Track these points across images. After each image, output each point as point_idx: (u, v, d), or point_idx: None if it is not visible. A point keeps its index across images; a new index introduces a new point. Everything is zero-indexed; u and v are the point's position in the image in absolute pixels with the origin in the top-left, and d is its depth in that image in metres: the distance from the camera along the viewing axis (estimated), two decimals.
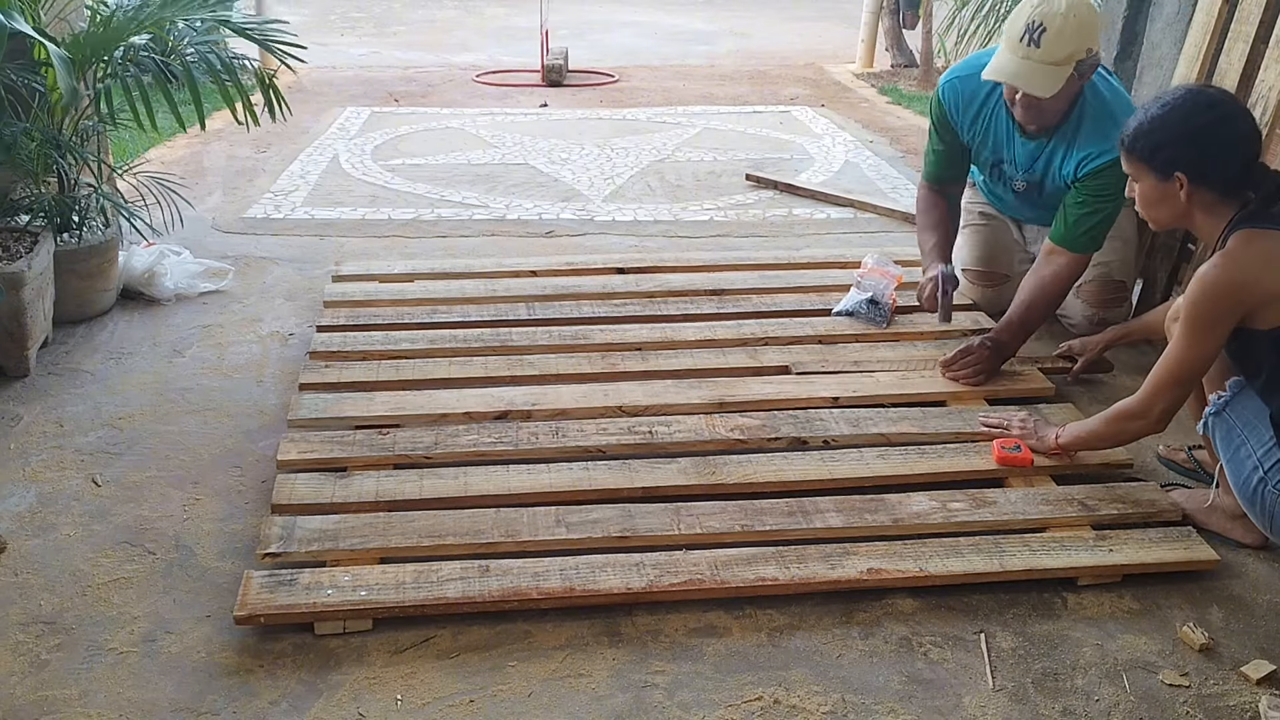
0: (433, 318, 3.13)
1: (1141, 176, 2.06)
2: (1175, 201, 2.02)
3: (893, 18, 8.09)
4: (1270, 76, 2.85)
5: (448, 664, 1.88)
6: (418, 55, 8.45)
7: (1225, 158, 1.97)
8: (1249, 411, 2.03)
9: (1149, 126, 2.02)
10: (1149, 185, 2.05)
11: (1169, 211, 2.06)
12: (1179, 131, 1.99)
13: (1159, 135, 2.01)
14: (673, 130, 5.93)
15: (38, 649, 1.90)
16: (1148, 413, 2.10)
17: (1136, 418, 2.13)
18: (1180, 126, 1.98)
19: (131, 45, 3.13)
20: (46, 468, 2.47)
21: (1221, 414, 2.07)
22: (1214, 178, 1.98)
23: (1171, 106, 2.01)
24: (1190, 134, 1.98)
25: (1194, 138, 1.97)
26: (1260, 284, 1.91)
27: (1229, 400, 2.07)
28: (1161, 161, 2.00)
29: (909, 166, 5.26)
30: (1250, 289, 1.92)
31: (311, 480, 2.29)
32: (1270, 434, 1.98)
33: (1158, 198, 2.05)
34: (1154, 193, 2.05)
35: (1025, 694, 1.83)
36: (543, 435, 2.48)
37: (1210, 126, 1.97)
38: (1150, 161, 2.03)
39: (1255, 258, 1.92)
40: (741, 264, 3.64)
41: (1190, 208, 2.02)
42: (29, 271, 2.83)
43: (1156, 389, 2.07)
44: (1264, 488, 1.98)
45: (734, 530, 2.16)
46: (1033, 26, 2.56)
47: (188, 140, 5.45)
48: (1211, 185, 1.99)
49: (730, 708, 1.79)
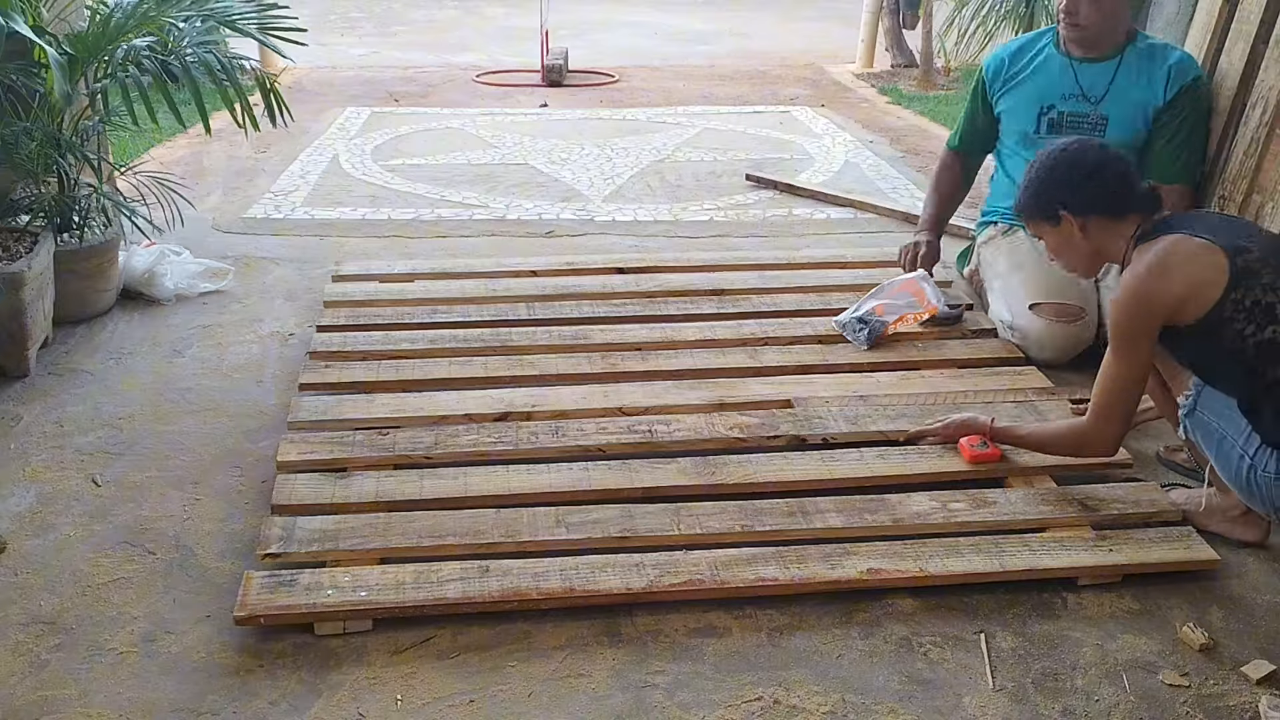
0: (433, 318, 3.13)
1: (1042, 231, 2.19)
2: (1075, 239, 2.13)
3: (893, 18, 8.08)
4: (1270, 76, 2.85)
5: (448, 664, 1.88)
6: (418, 55, 8.45)
7: (1090, 183, 2.09)
8: (1219, 404, 2.06)
9: (1028, 192, 2.18)
10: (1050, 236, 2.18)
11: (1078, 252, 2.16)
12: (1045, 180, 2.14)
13: (1036, 192, 2.16)
14: (673, 130, 5.93)
15: (38, 649, 1.90)
16: (1100, 437, 2.14)
17: (1091, 444, 2.18)
18: (1046, 177, 2.14)
19: (132, 46, 3.13)
20: (46, 468, 2.47)
21: (1194, 413, 2.11)
22: (1091, 203, 2.09)
23: (1037, 167, 2.17)
24: (1053, 178, 2.13)
25: (1057, 179, 2.13)
26: (1163, 291, 1.98)
27: (1196, 397, 2.10)
28: (1047, 211, 2.14)
29: (909, 166, 5.26)
30: (1156, 297, 1.99)
31: (311, 480, 2.29)
32: (1244, 421, 2.02)
33: (1061, 243, 2.17)
34: (1056, 240, 2.17)
35: (1025, 694, 1.83)
36: (543, 435, 2.48)
37: (1065, 164, 2.13)
38: (1041, 215, 2.16)
39: (1152, 268, 2.00)
40: (741, 264, 3.64)
41: (1091, 241, 2.12)
42: (29, 271, 2.83)
43: (1103, 412, 2.11)
44: (1253, 474, 2.00)
45: (734, 530, 2.16)
46: None
47: (188, 140, 5.45)
48: (1094, 210, 2.09)
49: (730, 708, 1.79)
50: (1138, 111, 2.96)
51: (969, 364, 2.91)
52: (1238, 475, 2.04)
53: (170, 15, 3.21)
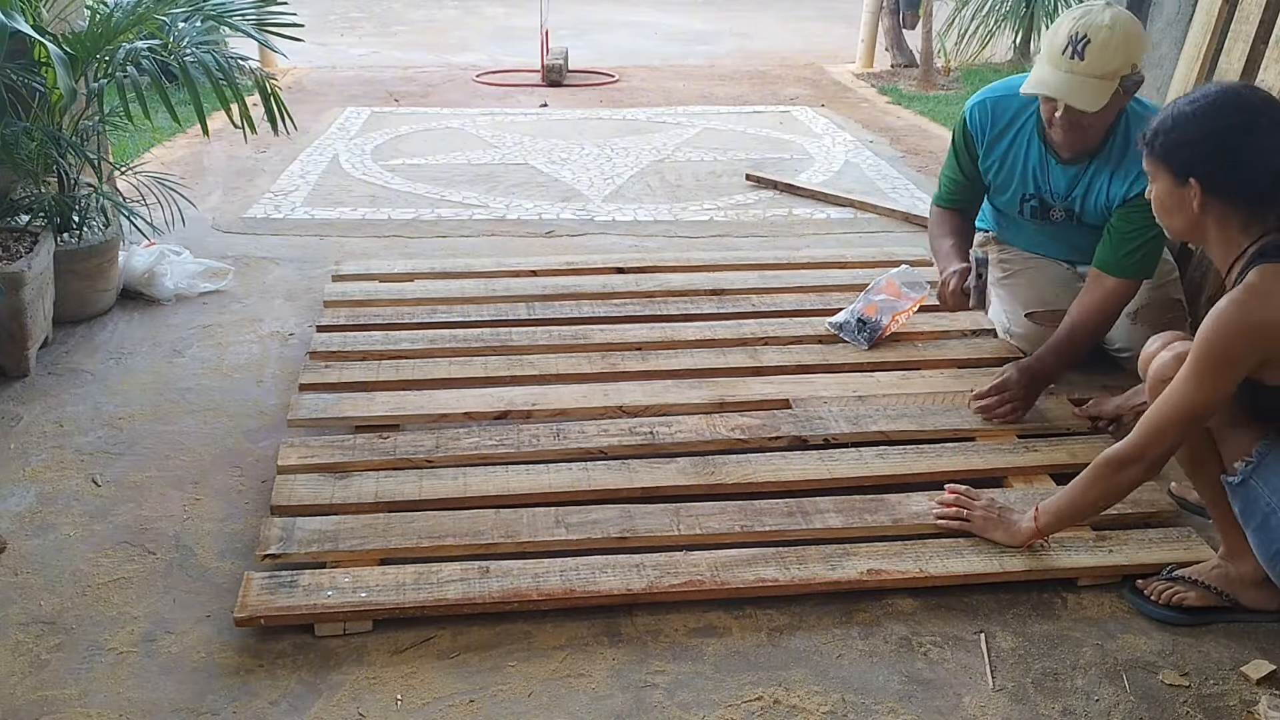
0: (433, 318, 3.13)
1: (1158, 176, 1.88)
2: (1188, 210, 1.83)
3: (893, 18, 8.08)
4: (1270, 76, 2.85)
5: (448, 664, 1.88)
6: (418, 55, 8.45)
7: (1248, 169, 1.77)
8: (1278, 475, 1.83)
9: (1172, 123, 1.83)
10: (1164, 187, 1.87)
11: (1181, 221, 1.87)
12: (1202, 132, 1.79)
13: (1180, 133, 1.81)
14: (673, 130, 5.93)
15: (38, 649, 1.90)
16: (1143, 457, 1.86)
17: (1129, 463, 1.88)
18: (1205, 127, 1.79)
19: (132, 46, 3.12)
20: (46, 468, 2.47)
21: (1246, 483, 1.86)
22: (1232, 190, 1.79)
23: (1200, 104, 1.81)
24: (1214, 136, 1.78)
25: (1217, 140, 1.78)
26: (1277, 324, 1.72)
27: (1256, 466, 1.85)
28: (1179, 163, 1.82)
29: (909, 166, 5.26)
30: (1267, 329, 1.73)
31: (311, 480, 2.29)
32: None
33: (1172, 203, 1.86)
34: (1168, 197, 1.86)
35: (1025, 694, 1.83)
36: (543, 437, 2.48)
37: (1237, 131, 1.77)
38: (1167, 160, 1.84)
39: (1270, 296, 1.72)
40: (741, 264, 3.64)
41: (1204, 221, 1.83)
42: (29, 271, 2.83)
43: (1155, 432, 1.84)
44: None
45: (734, 531, 2.16)
46: (1076, 38, 2.41)
47: (188, 140, 5.45)
48: (1229, 198, 1.79)
49: (730, 708, 1.79)
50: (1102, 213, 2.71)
51: (969, 364, 2.91)
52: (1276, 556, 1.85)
53: (167, 13, 3.21)
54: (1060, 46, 2.45)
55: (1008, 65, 7.57)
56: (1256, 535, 1.88)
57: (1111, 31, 2.41)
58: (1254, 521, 1.88)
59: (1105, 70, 2.43)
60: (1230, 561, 2.01)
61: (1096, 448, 2.44)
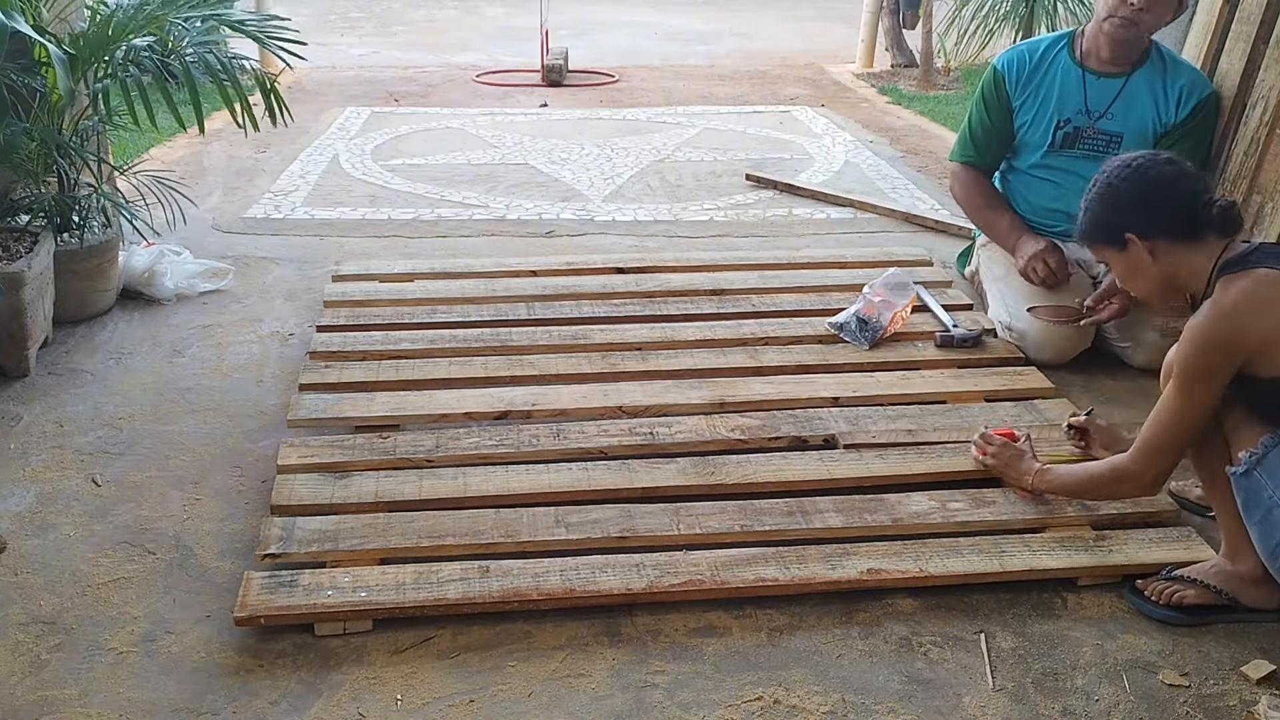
0: (433, 318, 3.13)
1: (1109, 258, 2.06)
2: (1145, 266, 1.97)
3: (893, 18, 8.08)
4: (1270, 76, 2.85)
5: (448, 664, 1.88)
6: (418, 55, 8.45)
7: (1164, 202, 1.94)
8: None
9: (1089, 215, 2.04)
10: (1117, 262, 2.03)
11: (1147, 279, 2.00)
12: (1110, 201, 1.99)
13: (1099, 212, 2.01)
14: (673, 130, 5.93)
15: (38, 649, 1.90)
16: (1141, 475, 1.99)
17: (1129, 480, 2.02)
18: (1109, 197, 1.99)
19: (133, 46, 3.13)
20: (46, 468, 2.47)
21: (1250, 474, 1.89)
22: (1164, 226, 1.94)
23: (1098, 188, 2.02)
24: (1123, 194, 1.97)
25: (1121, 199, 1.97)
26: (1248, 331, 1.83)
27: (1261, 458, 1.88)
28: (1111, 232, 1.99)
29: (909, 166, 5.26)
30: (1239, 337, 1.83)
31: (311, 480, 2.29)
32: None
33: (1129, 270, 2.02)
34: (1123, 266, 2.02)
35: (1025, 694, 1.83)
36: (543, 437, 2.48)
37: (1129, 183, 1.97)
38: (1104, 239, 2.02)
39: (1238, 303, 1.84)
40: (741, 264, 3.64)
41: (1161, 266, 1.96)
42: (29, 271, 2.83)
43: (1151, 451, 1.96)
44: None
45: (734, 530, 2.16)
46: None
47: (188, 140, 5.45)
48: (1164, 234, 1.94)
49: (730, 708, 1.79)
50: (1147, 128, 2.93)
51: (969, 364, 2.91)
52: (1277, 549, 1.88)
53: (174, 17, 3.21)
54: None
55: None
56: (1259, 528, 1.89)
57: None
58: (1257, 514, 1.89)
59: None
60: (1230, 559, 2.01)
61: None
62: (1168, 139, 2.92)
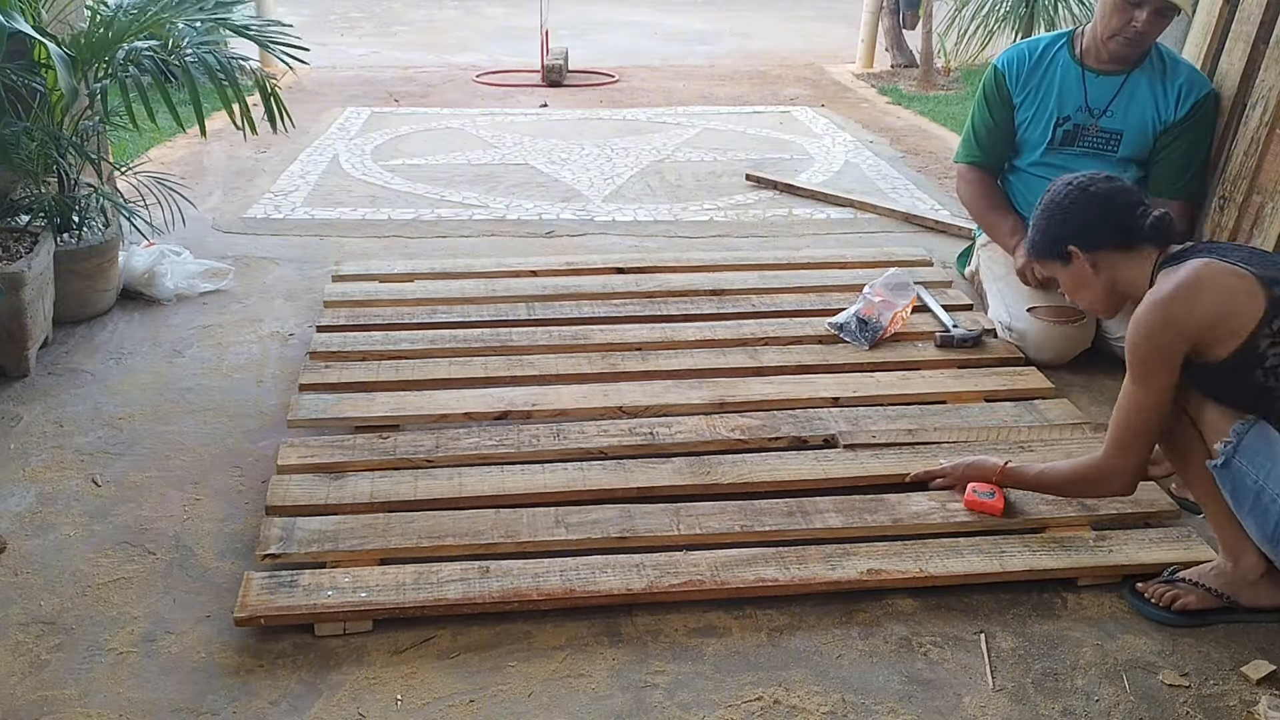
0: (433, 318, 3.13)
1: (1055, 273, 2.12)
2: (1089, 278, 2.04)
3: (893, 18, 8.08)
4: (1270, 76, 2.85)
5: (448, 664, 1.88)
6: (418, 55, 8.45)
7: (1096, 217, 2.01)
8: (1261, 453, 1.85)
9: (1035, 231, 2.11)
10: (1063, 276, 2.10)
11: (1092, 289, 2.07)
12: (1051, 217, 2.07)
13: (1044, 228, 2.08)
14: (673, 130, 5.93)
15: (38, 649, 1.90)
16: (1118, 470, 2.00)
17: (1104, 482, 2.04)
18: (1051, 213, 2.07)
19: (134, 47, 3.12)
20: (46, 468, 2.47)
21: (1230, 463, 1.88)
22: (1098, 237, 2.01)
23: (1042, 206, 2.10)
24: (1058, 213, 2.05)
25: (1062, 216, 2.05)
26: (1190, 313, 1.85)
27: (1236, 445, 1.88)
28: (1054, 248, 2.06)
29: (909, 166, 5.26)
30: (1182, 320, 1.86)
31: (307, 481, 2.29)
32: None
33: (1075, 282, 2.08)
34: (1069, 279, 2.09)
35: (1025, 694, 1.83)
36: (543, 437, 2.48)
37: (1069, 200, 2.04)
38: (1049, 254, 2.09)
39: (1176, 289, 1.87)
40: (741, 264, 3.64)
41: (1106, 279, 2.03)
42: (29, 271, 2.83)
43: (1121, 445, 1.97)
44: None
45: (733, 530, 2.16)
46: None
47: (188, 140, 5.45)
48: (1103, 244, 2.01)
49: (730, 708, 1.79)
50: (1146, 126, 2.95)
51: (969, 364, 2.91)
52: (1275, 532, 1.85)
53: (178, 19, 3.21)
54: None
55: None
56: (1251, 517, 1.88)
57: None
58: (1246, 503, 1.87)
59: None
60: (1230, 560, 2.01)
61: (1090, 447, 2.45)
62: (1167, 136, 2.94)
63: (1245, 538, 1.94)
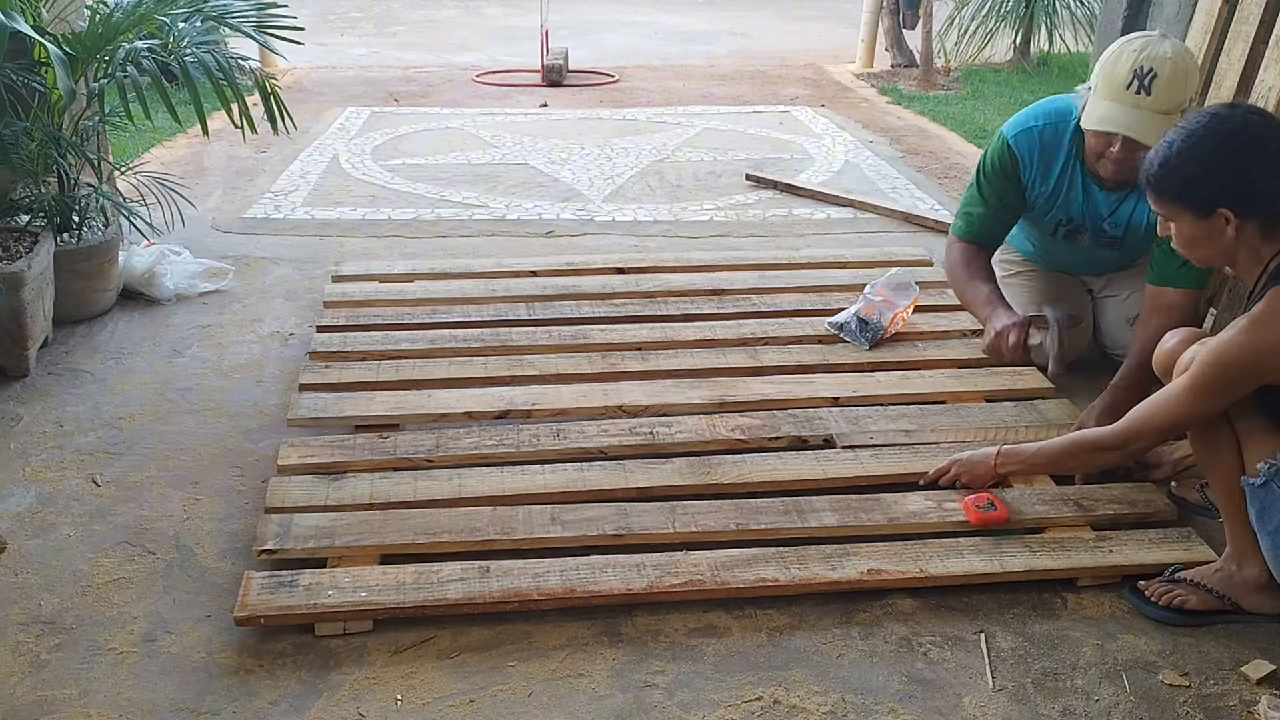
0: (433, 318, 3.13)
1: (1178, 216, 1.86)
2: (1221, 240, 1.82)
3: (893, 18, 8.08)
4: (1270, 76, 2.85)
5: (448, 664, 1.88)
6: (418, 55, 8.45)
7: (1269, 183, 1.77)
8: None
9: (1176, 160, 1.82)
10: (1189, 225, 1.85)
11: (1213, 250, 1.86)
12: (1215, 161, 1.78)
13: (1189, 168, 1.81)
14: (673, 130, 5.93)
15: (38, 649, 1.90)
16: (1123, 446, 1.98)
17: (1108, 449, 2.02)
18: (1215, 156, 1.78)
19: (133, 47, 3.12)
20: (46, 468, 2.47)
21: (1269, 484, 1.83)
22: (1260, 208, 1.78)
23: (1200, 134, 1.81)
24: (1227, 162, 1.77)
25: (1233, 166, 1.77)
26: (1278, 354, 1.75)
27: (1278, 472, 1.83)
28: (1199, 197, 1.81)
29: (909, 166, 5.26)
30: (1269, 361, 1.76)
31: (305, 482, 2.29)
32: None
33: (1202, 237, 1.85)
34: (1197, 232, 1.85)
35: (1025, 694, 1.83)
36: (543, 437, 2.48)
37: (1247, 151, 1.77)
38: (1185, 199, 1.83)
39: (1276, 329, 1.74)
40: (741, 264, 3.64)
41: (1237, 244, 1.82)
42: (29, 271, 2.83)
43: (1140, 430, 1.93)
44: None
45: (729, 528, 2.16)
46: (1142, 73, 2.39)
47: (188, 140, 5.45)
48: (1260, 218, 1.79)
49: (730, 708, 1.79)
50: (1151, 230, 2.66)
51: (969, 364, 2.91)
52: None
53: (168, 14, 3.21)
54: (1124, 82, 2.42)
55: (1007, 65, 7.58)
56: (1272, 538, 1.87)
57: (1175, 65, 2.40)
58: (1270, 525, 1.86)
59: (1172, 105, 2.42)
60: (1234, 564, 2.00)
61: None
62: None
63: (1254, 547, 1.93)
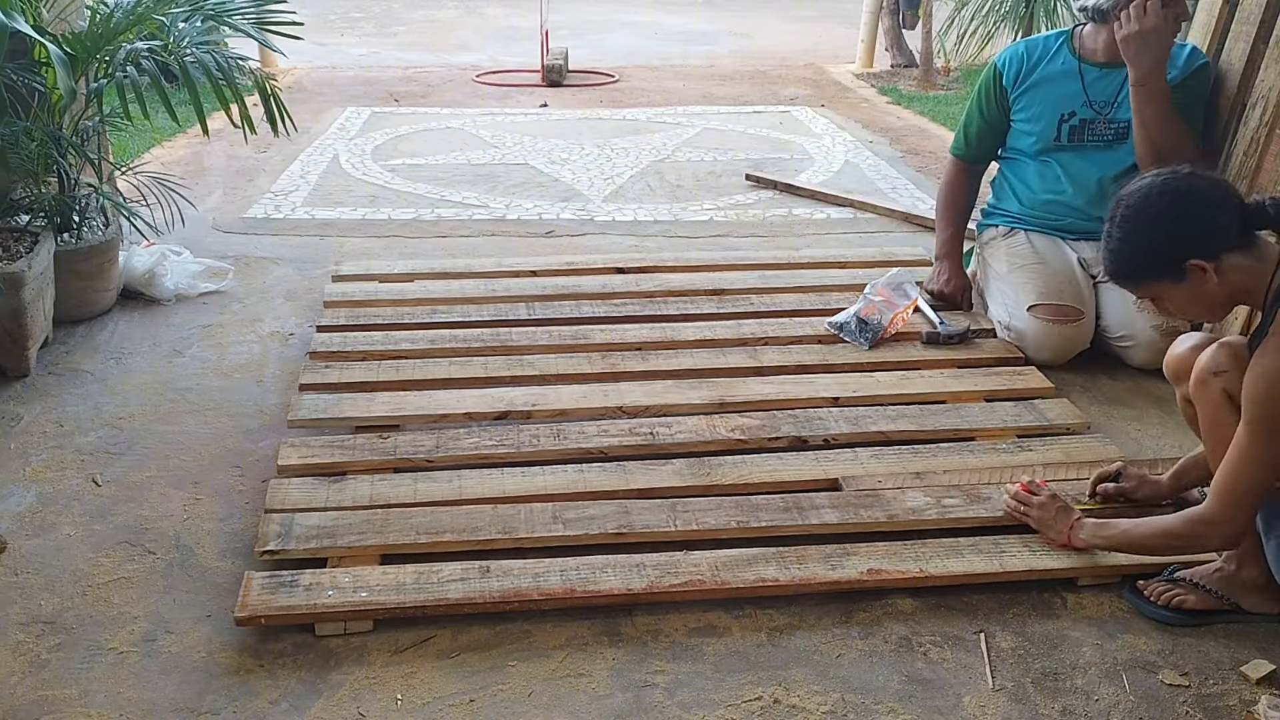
0: (433, 318, 3.13)
1: (1159, 291, 1.86)
2: (1210, 287, 1.80)
3: (893, 18, 8.08)
4: (1270, 76, 2.85)
5: (448, 664, 1.88)
6: (418, 55, 8.45)
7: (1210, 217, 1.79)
8: None
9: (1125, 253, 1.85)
10: (1173, 292, 1.84)
11: (1210, 303, 1.85)
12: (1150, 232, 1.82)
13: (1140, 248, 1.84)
14: (673, 130, 5.93)
15: (38, 649, 1.90)
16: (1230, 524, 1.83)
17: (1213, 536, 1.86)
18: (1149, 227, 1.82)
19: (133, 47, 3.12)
20: (46, 468, 2.47)
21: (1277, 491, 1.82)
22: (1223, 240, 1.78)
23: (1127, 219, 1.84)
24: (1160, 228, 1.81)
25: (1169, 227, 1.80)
26: None
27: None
28: (1165, 266, 1.82)
29: (909, 166, 5.26)
30: None
31: (305, 483, 2.29)
32: None
33: (1191, 295, 1.83)
34: (1184, 294, 1.84)
35: (1025, 694, 1.83)
36: (543, 437, 2.48)
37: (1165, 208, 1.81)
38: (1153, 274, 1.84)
39: None
40: (741, 264, 3.64)
41: (1228, 281, 1.80)
42: (29, 271, 2.83)
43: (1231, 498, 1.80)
44: None
45: (730, 526, 2.16)
46: None
47: (188, 140, 5.45)
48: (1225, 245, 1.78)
49: (730, 708, 1.79)
50: None
51: (969, 364, 2.91)
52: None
53: (167, 13, 3.21)
54: None
55: None
56: (1276, 544, 1.87)
57: None
58: (1276, 531, 1.86)
59: None
60: (1233, 564, 2.00)
61: (1090, 446, 2.47)
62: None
63: (1254, 548, 1.93)
